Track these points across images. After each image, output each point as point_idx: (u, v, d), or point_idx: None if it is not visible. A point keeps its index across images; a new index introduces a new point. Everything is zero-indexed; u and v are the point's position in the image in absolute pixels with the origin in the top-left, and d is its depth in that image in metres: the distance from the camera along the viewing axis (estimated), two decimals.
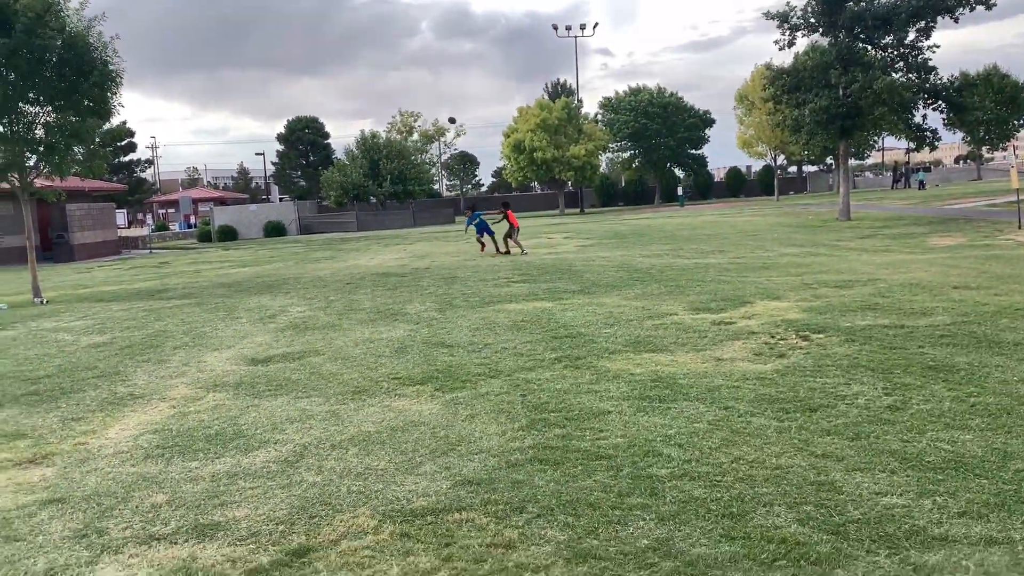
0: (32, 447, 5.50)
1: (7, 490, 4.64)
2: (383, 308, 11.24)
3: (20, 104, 15.01)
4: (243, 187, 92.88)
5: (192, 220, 59.93)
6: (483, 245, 21.16)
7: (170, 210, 67.18)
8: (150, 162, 74.53)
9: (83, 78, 14.80)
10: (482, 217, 21.77)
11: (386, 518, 3.88)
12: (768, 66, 28.46)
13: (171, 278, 19.55)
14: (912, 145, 39.30)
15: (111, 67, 15.12)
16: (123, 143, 68.03)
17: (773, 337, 7.67)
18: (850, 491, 3.88)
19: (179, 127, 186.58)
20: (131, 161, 69.02)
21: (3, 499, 4.49)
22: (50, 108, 15.31)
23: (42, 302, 15.12)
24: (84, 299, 15.59)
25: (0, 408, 6.70)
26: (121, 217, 59.71)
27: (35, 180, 15.69)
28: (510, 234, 20.48)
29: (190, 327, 10.65)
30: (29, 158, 15.23)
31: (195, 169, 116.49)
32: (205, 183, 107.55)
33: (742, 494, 3.91)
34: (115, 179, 64.25)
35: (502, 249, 20.37)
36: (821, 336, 7.55)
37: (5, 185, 15.45)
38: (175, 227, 62.28)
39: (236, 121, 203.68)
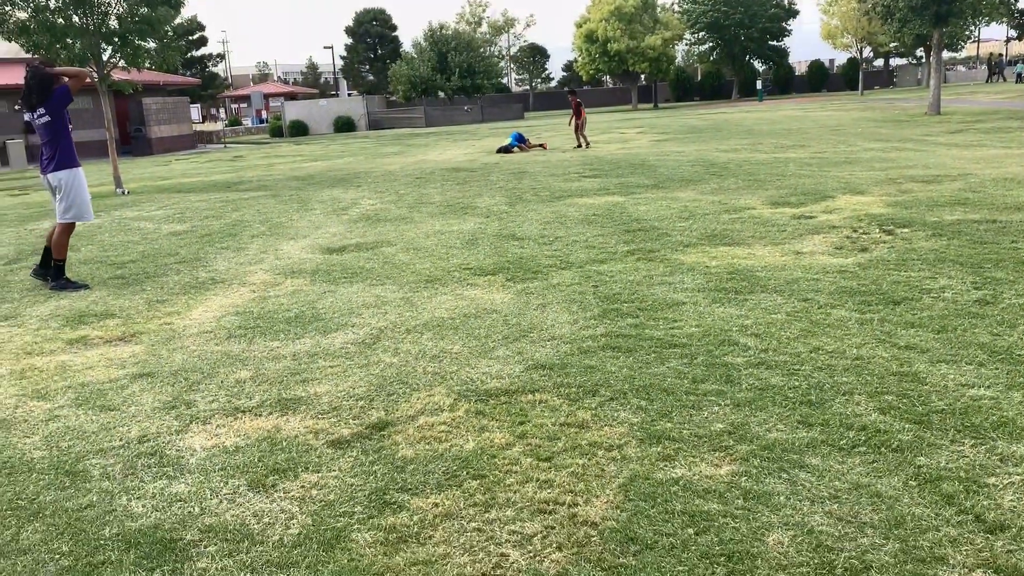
0: (121, 326, 5.72)
1: (100, 365, 4.86)
2: (453, 202, 11.23)
3: None
4: (313, 82, 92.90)
5: (263, 115, 60.46)
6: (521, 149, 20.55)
7: (242, 105, 67.78)
8: (222, 56, 74.81)
9: None
10: (519, 133, 21.36)
11: (461, 397, 3.94)
12: None
13: (246, 171, 19.86)
14: (1014, 34, 36.71)
15: None
16: (194, 37, 68.24)
17: (855, 231, 7.42)
18: (935, 382, 3.78)
19: (250, 20, 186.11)
20: (203, 55, 69.31)
21: (97, 373, 4.70)
22: None
23: (124, 192, 15.56)
24: (164, 190, 15.97)
25: (90, 290, 6.97)
26: (195, 112, 60.50)
27: (111, 72, 15.88)
28: (580, 126, 20.04)
29: (266, 217, 10.84)
30: (104, 49, 15.40)
31: (265, 64, 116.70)
32: (275, 78, 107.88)
33: (821, 383, 3.84)
34: (188, 73, 64.82)
35: (580, 143, 20.01)
36: (906, 230, 7.27)
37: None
38: (247, 122, 62.97)
39: (306, 14, 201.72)
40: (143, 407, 4.12)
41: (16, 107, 32.85)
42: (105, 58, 15.63)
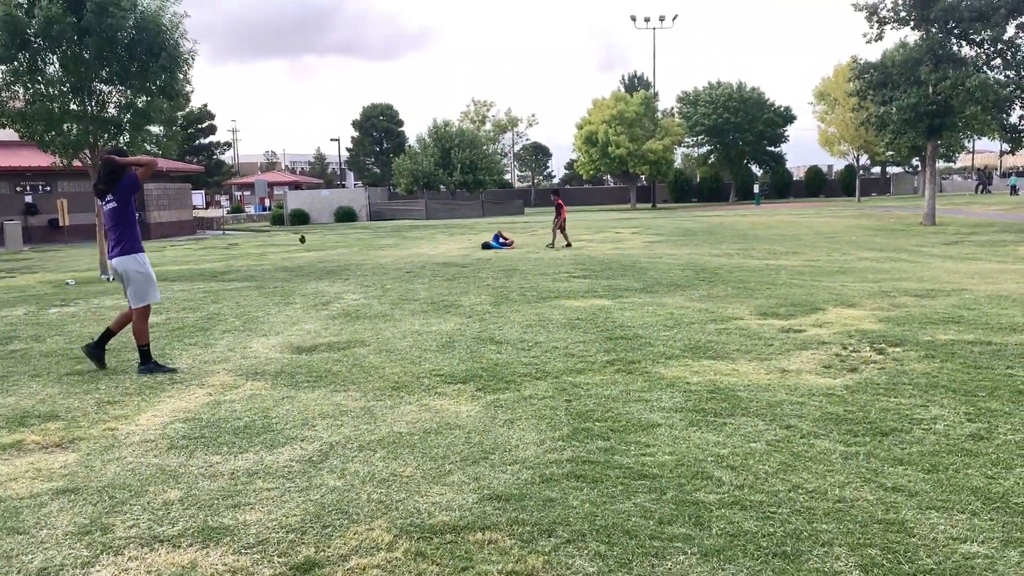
0: (62, 430, 5.38)
1: (26, 475, 4.50)
2: (437, 299, 10.99)
3: (93, 83, 15.27)
4: (320, 172, 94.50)
5: (267, 203, 61.12)
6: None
7: (246, 192, 68.64)
8: (229, 144, 76.25)
9: (153, 59, 14.95)
10: (499, 233, 21.69)
11: (403, 533, 3.57)
12: (855, 59, 27.28)
13: (237, 260, 19.74)
14: (1007, 147, 37.28)
15: (182, 48, 15.23)
16: (203, 125, 69.76)
17: (845, 348, 7.13)
18: (923, 534, 3.42)
19: (261, 111, 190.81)
20: (210, 143, 70.74)
21: (19, 486, 4.34)
22: (122, 88, 15.53)
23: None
24: None
25: (43, 387, 6.64)
26: (199, 198, 61.20)
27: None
28: (562, 225, 20.29)
29: (244, 311, 10.58)
30: (101, 136, 15.46)
31: (273, 153, 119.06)
32: (283, 167, 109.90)
33: (798, 530, 3.48)
34: (194, 160, 65.91)
35: (561, 243, 20.11)
36: (898, 350, 6.98)
37: (79, 163, 15.72)
38: (250, 209, 63.62)
39: (316, 107, 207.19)
40: (55, 531, 3.74)
41: (17, 189, 33.21)
42: (101, 143, 15.64)
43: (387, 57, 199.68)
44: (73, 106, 15.16)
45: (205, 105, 69.82)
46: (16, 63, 14.24)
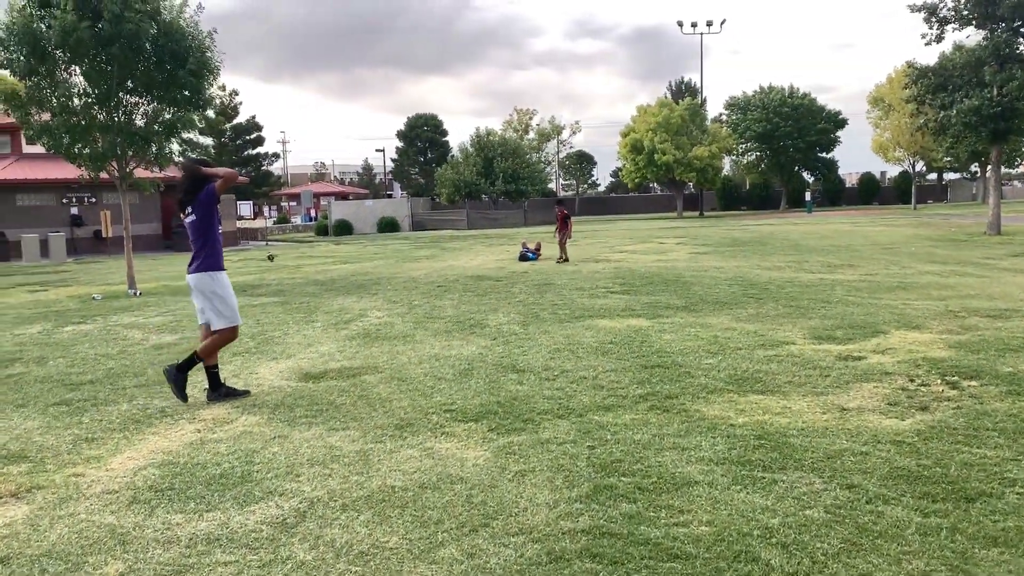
0: (25, 474, 4.81)
1: None
2: (464, 318, 10.32)
3: (119, 94, 14.95)
4: (367, 182, 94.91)
5: (313, 213, 61.33)
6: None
7: (292, 203, 69.02)
8: (277, 155, 76.80)
9: (179, 67, 14.58)
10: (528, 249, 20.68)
11: None
12: (911, 64, 26.01)
13: (271, 272, 19.36)
14: None
15: (208, 55, 14.84)
16: (251, 137, 70.37)
17: (912, 381, 6.28)
18: None
19: (312, 123, 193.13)
20: (258, 154, 71.29)
21: None
22: (149, 98, 15.19)
23: (135, 294, 15.02)
24: (177, 292, 15.41)
25: (24, 419, 6.12)
26: (247, 208, 61.61)
27: (134, 171, 15.58)
28: (565, 238, 19.30)
29: (262, 330, 10.04)
30: (128, 148, 15.12)
31: (323, 164, 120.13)
32: (332, 177, 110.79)
33: None
34: (242, 171, 66.43)
35: (563, 256, 19.02)
36: (974, 384, 6.10)
37: (106, 175, 15.43)
38: (297, 220, 63.92)
39: (366, 118, 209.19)
40: None
41: (64, 200, 33.46)
42: (129, 154, 15.32)
43: (437, 69, 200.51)
44: (100, 117, 14.85)
45: (253, 117, 70.50)
46: (38, 76, 13.96)
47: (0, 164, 31.48)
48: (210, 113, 16.14)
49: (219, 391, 6.56)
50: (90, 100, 14.71)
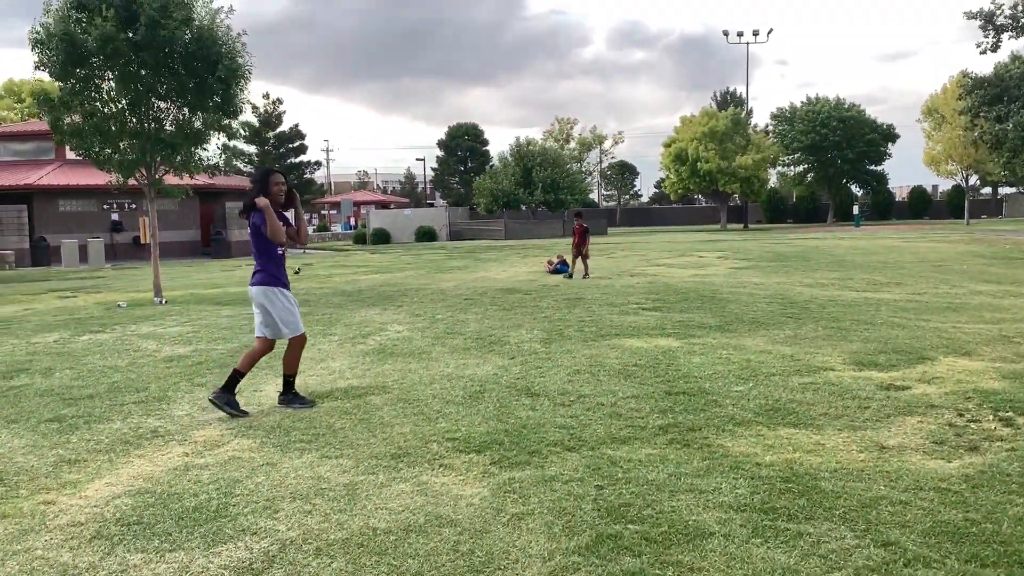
0: None
1: None
2: (485, 334, 9.93)
3: (151, 99, 14.89)
4: (409, 191, 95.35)
5: (352, 222, 61.61)
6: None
7: (333, 211, 69.43)
8: (319, 163, 77.36)
9: (210, 73, 14.46)
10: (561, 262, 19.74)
11: None
12: (965, 74, 25.10)
13: (301, 282, 19.18)
14: None
15: (239, 60, 14.70)
16: (294, 145, 70.95)
17: (961, 416, 5.72)
18: None
19: (357, 132, 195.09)
20: (300, 162, 71.83)
21: None
22: (180, 104, 15.11)
23: (161, 302, 14.90)
24: (203, 300, 15.27)
25: (12, 436, 5.87)
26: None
27: (163, 177, 15.49)
28: (583, 254, 18.04)
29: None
30: (156, 155, 15.03)
31: (365, 173, 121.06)
32: (375, 186, 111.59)
33: None
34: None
35: (585, 272, 17.90)
36: None
37: (134, 182, 15.37)
38: (337, 228, 64.27)
39: (410, 127, 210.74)
40: None
41: (105, 206, 33.87)
42: (157, 160, 15.24)
43: (481, 79, 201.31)
44: (132, 121, 14.79)
45: (296, 125, 71.05)
46: (74, 79, 13.93)
47: (43, 170, 31.95)
48: (242, 119, 15.89)
49: (287, 395, 6.64)
50: (122, 105, 14.66)
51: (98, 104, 14.20)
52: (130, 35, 13.80)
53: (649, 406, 6.16)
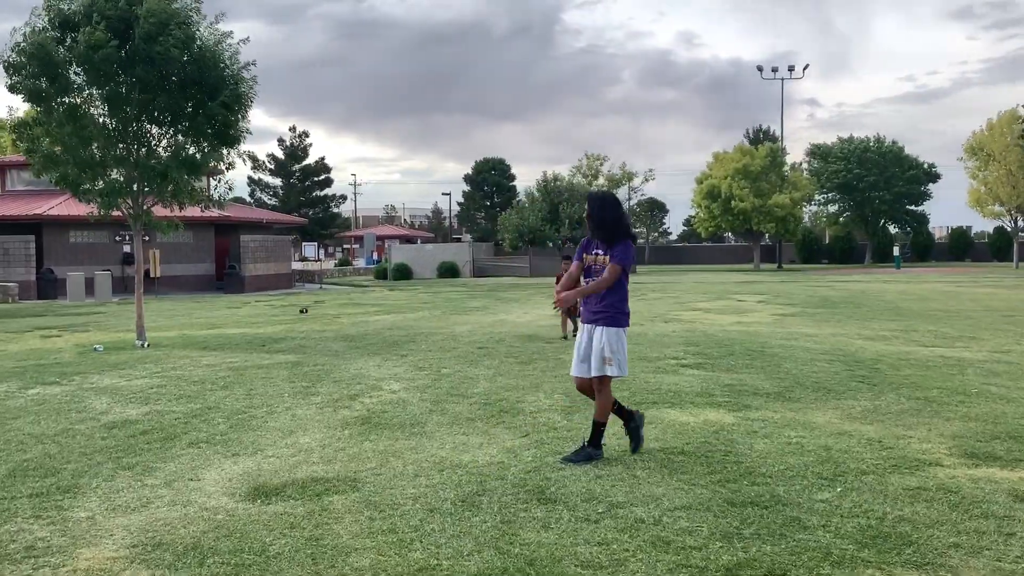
0: None
1: None
2: (495, 397, 8.28)
3: (142, 123, 13.57)
4: (436, 226, 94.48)
5: (376, 256, 60.49)
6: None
7: (356, 245, 68.41)
8: (344, 197, 76.57)
9: (209, 97, 13.11)
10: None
11: None
12: (1021, 108, 23.30)
13: (304, 323, 17.68)
14: None
15: (243, 88, 13.35)
16: (320, 178, 70.29)
17: None
18: None
19: (388, 167, 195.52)
20: (326, 196, 71.09)
21: None
22: (175, 129, 13.77)
23: (143, 345, 13.44)
24: (190, 344, 13.79)
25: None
26: (312, 250, 61.13)
27: (151, 209, 14.10)
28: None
29: (246, 406, 8.17)
30: (144, 185, 13.65)
31: (393, 207, 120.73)
32: (402, 220, 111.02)
33: None
34: (310, 212, 66.22)
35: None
36: None
37: (119, 213, 13.99)
38: (360, 262, 63.19)
39: (440, 164, 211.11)
40: None
41: (116, 238, 32.78)
42: (145, 190, 13.85)
43: (511, 116, 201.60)
44: (120, 147, 13.44)
45: (323, 158, 70.45)
46: (49, 100, 12.61)
47: (54, 200, 30.96)
48: (245, 147, 14.41)
49: (585, 452, 5.79)
50: (108, 129, 13.34)
51: (78, 127, 12.83)
52: (124, 49, 12.51)
53: (708, 526, 4.47)
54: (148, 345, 13.46)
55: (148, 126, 13.78)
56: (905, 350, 11.59)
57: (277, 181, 69.60)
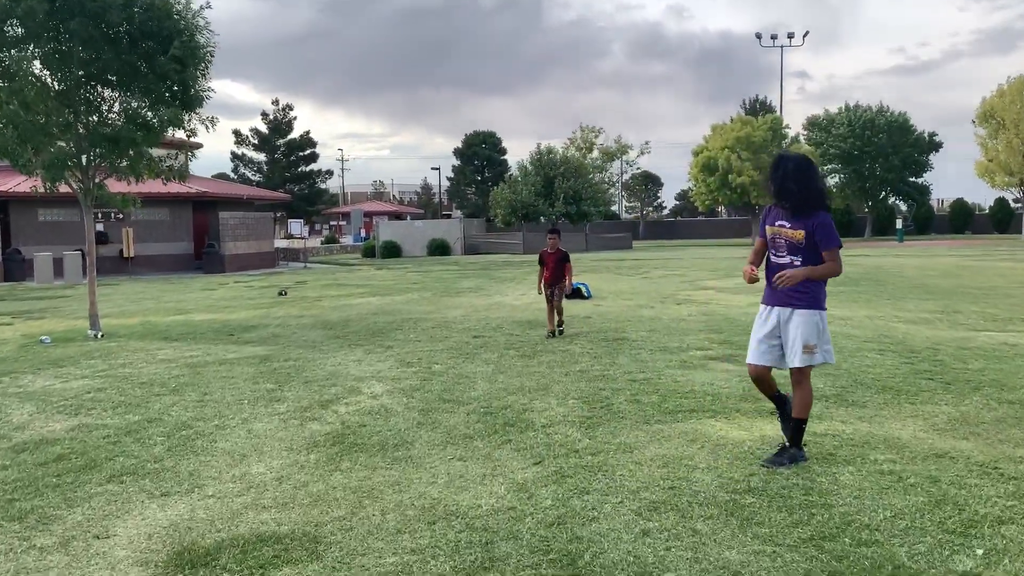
0: None
1: None
2: (497, 403, 6.85)
3: (92, 86, 12.00)
4: (425, 202, 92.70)
5: (364, 233, 58.84)
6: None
7: (343, 222, 66.73)
8: (331, 172, 74.70)
9: (161, 52, 11.54)
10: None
11: None
12: None
13: (282, 307, 16.19)
14: None
15: (196, 38, 11.77)
16: (305, 153, 68.43)
17: None
18: None
19: (377, 143, 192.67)
20: (312, 171, 69.25)
21: None
22: (129, 92, 12.20)
23: (96, 336, 11.98)
24: (150, 333, 12.32)
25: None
26: (298, 227, 59.46)
27: (103, 181, 12.56)
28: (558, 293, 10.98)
29: (195, 417, 6.73)
30: (96, 155, 12.10)
31: (381, 183, 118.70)
32: (391, 197, 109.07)
33: None
34: (295, 188, 64.47)
35: (552, 326, 10.95)
36: None
37: (67, 187, 12.43)
38: (347, 239, 61.52)
39: (428, 138, 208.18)
40: None
41: (120, 216, 31.07)
42: (95, 161, 12.29)
43: (500, 90, 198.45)
44: (67, 112, 11.86)
45: (307, 132, 68.52)
46: None
47: (22, 176, 29.21)
48: (206, 111, 12.79)
49: (789, 453, 5.02)
50: (52, 91, 11.76)
51: (14, 90, 11.24)
52: (54, 2, 10.91)
53: None
54: (102, 336, 11.99)
55: (100, 89, 12.20)
56: (958, 336, 10.22)
57: (261, 156, 67.73)
